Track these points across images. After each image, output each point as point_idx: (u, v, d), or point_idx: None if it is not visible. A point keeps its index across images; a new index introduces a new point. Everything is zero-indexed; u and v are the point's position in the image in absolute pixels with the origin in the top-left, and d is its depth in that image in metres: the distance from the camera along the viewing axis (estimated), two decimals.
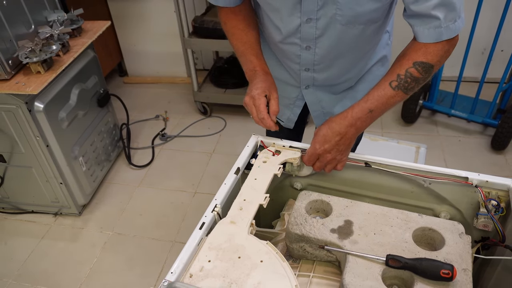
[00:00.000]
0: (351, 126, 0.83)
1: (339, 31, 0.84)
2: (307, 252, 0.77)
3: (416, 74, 0.79)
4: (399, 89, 0.80)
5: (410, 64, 0.80)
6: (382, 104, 0.82)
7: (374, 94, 0.82)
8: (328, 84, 1.01)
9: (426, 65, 0.79)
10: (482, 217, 0.78)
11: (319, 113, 1.08)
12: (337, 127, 0.83)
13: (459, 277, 0.66)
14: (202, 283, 0.65)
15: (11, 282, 1.60)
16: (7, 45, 1.44)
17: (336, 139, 0.83)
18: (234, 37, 0.96)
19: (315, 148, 0.85)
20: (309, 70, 0.96)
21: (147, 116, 2.50)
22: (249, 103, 0.89)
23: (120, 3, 2.57)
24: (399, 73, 0.80)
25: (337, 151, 0.84)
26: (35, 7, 1.59)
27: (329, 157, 0.85)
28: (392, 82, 0.81)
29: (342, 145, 0.84)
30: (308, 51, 0.90)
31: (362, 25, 0.83)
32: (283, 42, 0.91)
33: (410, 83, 0.80)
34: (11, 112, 1.48)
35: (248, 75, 0.95)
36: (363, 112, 0.82)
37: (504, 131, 1.93)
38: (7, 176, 1.72)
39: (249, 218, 0.75)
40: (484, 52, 2.41)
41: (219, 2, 0.93)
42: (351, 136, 0.84)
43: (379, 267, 0.68)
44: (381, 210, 0.79)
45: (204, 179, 2.03)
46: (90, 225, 1.81)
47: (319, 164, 0.87)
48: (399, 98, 0.82)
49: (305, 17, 0.83)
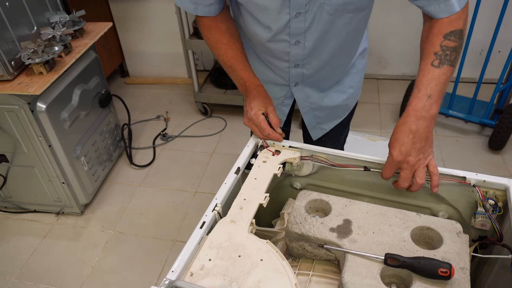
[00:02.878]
0: (417, 119, 0.77)
1: (327, 22, 0.84)
2: (306, 251, 0.78)
3: (452, 44, 0.79)
4: (443, 64, 0.78)
5: (441, 38, 0.79)
6: (436, 85, 0.77)
7: (423, 80, 0.78)
8: (317, 80, 1.02)
9: (456, 32, 0.79)
10: (479, 216, 0.79)
11: (308, 109, 1.09)
12: (405, 126, 0.78)
13: (457, 276, 0.66)
14: (203, 282, 0.65)
15: (13, 280, 1.61)
16: (10, 46, 1.45)
17: (409, 137, 0.76)
18: (219, 52, 0.96)
19: (392, 156, 0.78)
20: (299, 65, 0.97)
21: (148, 116, 2.51)
22: (249, 124, 0.91)
23: (122, 5, 2.58)
24: (435, 51, 0.79)
25: (418, 151, 0.77)
26: (37, 8, 1.60)
27: (412, 161, 0.76)
28: (434, 61, 0.79)
29: (418, 142, 0.77)
30: (297, 46, 0.91)
31: (350, 13, 0.83)
32: (272, 41, 0.91)
33: (451, 54, 0.79)
34: (14, 113, 1.49)
35: (240, 89, 0.96)
36: (422, 101, 0.77)
37: (502, 131, 1.94)
38: (10, 175, 1.73)
39: (249, 217, 0.75)
40: (482, 53, 2.41)
41: (199, 11, 0.92)
42: (423, 130, 0.77)
43: (377, 266, 0.69)
44: (379, 210, 0.79)
45: (205, 179, 2.03)
46: (92, 224, 1.82)
47: (405, 172, 0.78)
48: (449, 73, 0.79)
49: (294, 12, 0.83)
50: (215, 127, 2.40)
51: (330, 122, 1.15)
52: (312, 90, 1.05)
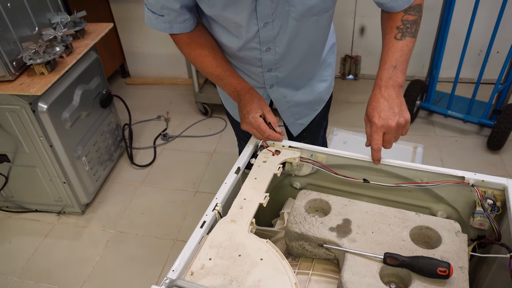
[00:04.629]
0: (387, 88, 0.83)
1: (294, 27, 0.87)
2: (306, 250, 0.78)
3: (412, 18, 0.84)
4: (405, 36, 0.84)
5: (401, 13, 0.85)
6: (400, 56, 0.84)
7: (388, 53, 0.84)
8: (291, 80, 1.04)
9: (415, 7, 0.85)
10: (478, 216, 0.79)
11: (285, 108, 1.12)
12: (377, 95, 0.83)
13: (455, 275, 0.67)
14: (203, 281, 0.65)
15: (15, 279, 1.62)
16: (12, 47, 1.46)
17: (385, 104, 0.82)
18: (203, 64, 0.96)
19: (375, 124, 0.82)
20: (272, 70, 0.99)
21: (149, 116, 2.51)
22: (249, 128, 0.92)
23: (123, 6, 2.58)
24: (397, 25, 0.85)
25: (395, 114, 0.81)
26: (39, 9, 1.61)
27: (393, 123, 0.81)
28: (396, 35, 0.84)
29: (394, 106, 0.82)
30: (269, 52, 0.93)
31: (315, 16, 0.86)
32: (243, 49, 0.93)
33: (411, 26, 0.85)
34: (15, 113, 1.49)
35: (233, 97, 0.97)
36: (388, 71, 0.83)
37: (500, 131, 1.95)
38: (12, 175, 1.74)
39: (249, 217, 0.76)
40: (480, 54, 2.42)
41: (174, 29, 0.91)
42: (395, 96, 0.83)
43: (377, 265, 0.69)
44: (379, 209, 0.80)
45: (205, 179, 2.04)
46: (93, 224, 1.83)
47: (389, 136, 0.82)
48: (411, 44, 0.85)
49: (262, 22, 0.85)
50: (215, 127, 2.40)
51: (307, 117, 1.18)
52: (287, 89, 1.08)
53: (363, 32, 2.58)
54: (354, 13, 2.51)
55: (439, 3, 2.03)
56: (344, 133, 2.08)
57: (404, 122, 0.82)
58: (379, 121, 0.81)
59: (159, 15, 0.88)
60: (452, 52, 2.22)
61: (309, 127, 1.21)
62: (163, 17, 0.88)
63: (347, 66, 2.70)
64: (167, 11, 0.86)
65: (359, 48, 2.65)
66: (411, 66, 2.61)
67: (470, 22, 1.87)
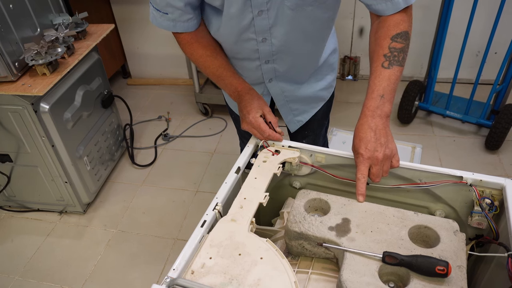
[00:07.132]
0: (374, 118, 0.81)
1: (290, 17, 0.87)
2: (305, 249, 0.78)
3: (399, 45, 0.83)
4: (392, 65, 0.83)
5: (388, 41, 0.83)
6: (387, 85, 0.82)
7: (375, 81, 0.83)
8: (290, 75, 1.05)
9: (402, 34, 0.83)
10: (476, 215, 0.79)
11: (283, 102, 1.13)
12: (364, 125, 0.82)
13: (453, 274, 0.67)
14: (204, 280, 0.66)
15: (17, 278, 1.63)
16: (14, 48, 1.47)
17: (371, 134, 0.80)
18: (205, 64, 0.97)
19: (361, 155, 0.80)
20: (269, 61, 0.99)
21: (150, 116, 2.52)
22: (249, 128, 0.92)
23: (124, 7, 2.59)
24: (384, 53, 0.83)
25: (381, 145, 0.80)
26: (40, 10, 1.61)
27: (379, 156, 0.80)
28: (384, 63, 0.83)
29: (381, 137, 0.81)
30: (265, 43, 0.93)
31: (310, 6, 0.86)
32: (239, 40, 0.93)
33: (399, 55, 0.83)
34: (18, 113, 1.50)
35: (233, 97, 0.98)
36: (376, 101, 0.82)
37: (498, 131, 1.95)
38: (14, 175, 1.74)
39: (249, 216, 0.76)
40: (478, 54, 2.42)
41: (178, 28, 0.92)
42: (382, 126, 0.82)
43: (376, 264, 0.69)
44: (377, 208, 0.80)
45: (206, 178, 2.05)
46: (94, 223, 1.84)
47: (376, 168, 0.80)
48: (399, 73, 0.83)
49: (257, 10, 0.85)
50: (216, 127, 2.41)
51: (305, 114, 1.18)
52: (286, 84, 1.08)
53: (362, 33, 2.58)
54: (353, 14, 2.51)
55: (438, 4, 2.04)
56: (343, 133, 2.09)
57: (390, 153, 0.81)
58: (366, 152, 0.80)
59: (164, 13, 0.89)
60: (450, 52, 2.22)
61: (311, 126, 1.21)
62: (167, 15, 0.90)
63: (346, 67, 2.71)
64: (172, 9, 0.88)
65: (358, 49, 2.65)
66: (410, 67, 2.62)
67: (468, 23, 1.88)
